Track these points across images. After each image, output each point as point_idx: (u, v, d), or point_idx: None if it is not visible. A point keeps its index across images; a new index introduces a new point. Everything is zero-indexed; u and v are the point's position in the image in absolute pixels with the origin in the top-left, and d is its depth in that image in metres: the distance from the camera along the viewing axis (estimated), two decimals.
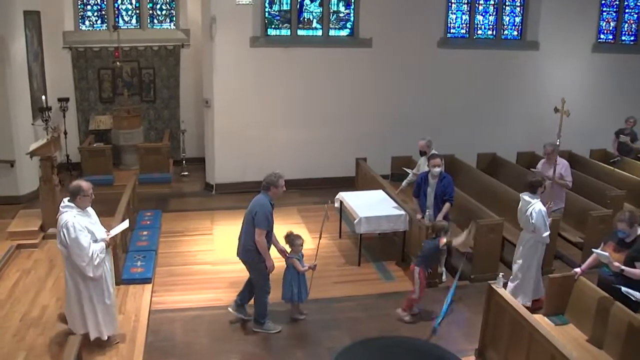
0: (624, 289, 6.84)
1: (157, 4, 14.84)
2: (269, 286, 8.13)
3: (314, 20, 13.77)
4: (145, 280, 9.20)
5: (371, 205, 10.34)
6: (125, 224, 7.85)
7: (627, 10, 16.39)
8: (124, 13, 14.76)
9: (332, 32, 13.93)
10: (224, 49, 12.86)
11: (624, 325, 6.87)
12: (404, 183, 11.27)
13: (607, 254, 7.17)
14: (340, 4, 13.82)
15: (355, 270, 10.03)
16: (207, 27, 12.83)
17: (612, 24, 16.35)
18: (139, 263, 9.62)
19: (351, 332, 8.07)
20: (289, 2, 13.49)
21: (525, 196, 8.71)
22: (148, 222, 11.49)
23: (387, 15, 13.72)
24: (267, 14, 13.40)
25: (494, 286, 7.37)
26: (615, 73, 15.99)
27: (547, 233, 8.56)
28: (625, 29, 16.54)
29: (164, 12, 14.92)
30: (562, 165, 10.66)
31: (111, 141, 14.34)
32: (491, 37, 15.33)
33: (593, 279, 7.70)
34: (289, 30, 13.62)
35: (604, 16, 16.21)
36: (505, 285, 7.39)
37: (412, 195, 10.09)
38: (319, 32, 13.85)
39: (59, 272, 9.15)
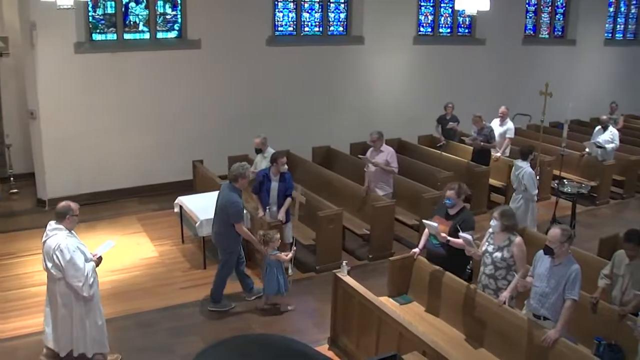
0: (461, 233, 7.32)
1: None
2: (232, 270, 8.85)
3: (141, 23, 13.42)
4: None
5: (211, 207, 10.19)
6: (111, 243, 7.59)
7: (442, 5, 17.39)
8: None
9: (159, 35, 13.63)
10: (47, 56, 12.21)
11: (461, 296, 7.38)
12: None
13: (435, 224, 7.63)
14: (167, 6, 13.55)
15: (202, 274, 9.93)
16: (27, 33, 12.16)
17: (430, 17, 17.27)
18: None
19: (205, 336, 8.05)
20: (113, 5, 13.02)
21: (517, 162, 10.74)
22: None
23: (215, 15, 13.67)
24: (91, 18, 12.88)
25: (339, 275, 7.60)
26: (435, 63, 16.97)
27: (536, 192, 10.74)
28: (442, 22, 17.53)
29: None
30: (388, 152, 11.17)
31: None
32: (318, 33, 15.69)
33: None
34: (115, 35, 13.16)
35: (423, 10, 17.11)
36: (349, 273, 7.64)
37: (252, 192, 10.14)
38: (147, 35, 13.52)
39: None
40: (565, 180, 12.38)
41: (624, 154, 14.60)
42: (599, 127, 14.24)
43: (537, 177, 11.06)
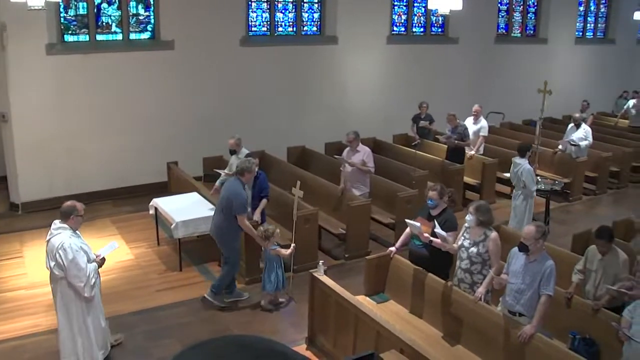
0: (435, 229, 7.38)
1: None
2: (238, 263, 9.01)
3: (113, 24, 13.30)
4: None
5: (187, 209, 10.23)
6: (114, 244, 7.67)
7: (415, 4, 17.46)
8: None
9: (132, 36, 13.53)
10: (18, 58, 12.03)
11: (438, 294, 7.41)
12: (217, 183, 11.19)
13: (418, 224, 7.64)
14: (140, 7, 13.45)
15: (178, 276, 9.89)
16: None
17: (403, 17, 17.34)
18: None
19: (182, 338, 7.99)
20: (85, 6, 12.88)
21: (516, 159, 10.83)
22: None
23: (188, 16, 13.60)
24: (62, 19, 12.73)
25: (315, 274, 7.62)
26: (409, 62, 17.05)
27: (535, 188, 10.95)
28: (415, 21, 17.62)
29: None
30: (364, 152, 11.21)
31: None
32: (292, 33, 15.68)
33: (407, 255, 8.18)
34: (88, 36, 13.03)
35: (396, 10, 17.17)
36: (325, 272, 7.66)
37: None
38: (119, 36, 13.40)
39: None
40: (539, 177, 12.50)
41: (595, 150, 14.77)
42: (572, 124, 14.38)
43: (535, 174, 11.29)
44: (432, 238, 7.54)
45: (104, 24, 13.23)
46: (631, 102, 18.77)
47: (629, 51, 23.26)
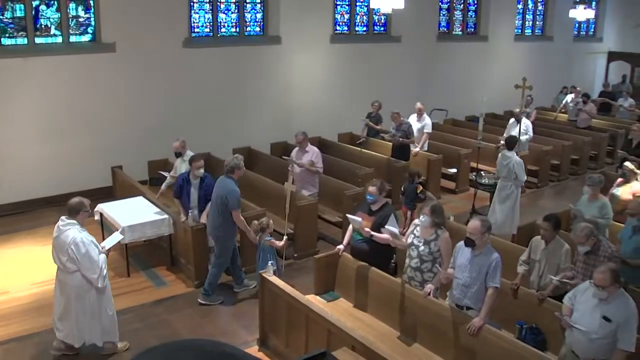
0: (386, 226, 7.45)
1: None
2: (228, 262, 9.10)
3: (52, 27, 13.00)
4: None
5: (133, 213, 10.11)
6: (118, 235, 8.00)
7: (358, 3, 17.57)
8: None
9: (73, 38, 13.25)
10: None
11: (387, 290, 7.50)
12: (163, 186, 11.12)
13: (359, 219, 7.71)
14: (80, 8, 13.18)
15: (126, 282, 9.74)
16: None
17: (346, 16, 17.43)
18: None
19: (133, 344, 7.87)
20: (22, 8, 12.53)
21: (505, 152, 11.30)
22: None
23: (130, 17, 13.37)
24: None
25: (265, 275, 7.61)
26: (353, 61, 17.16)
27: (525, 178, 11.44)
28: (358, 20, 17.73)
29: None
30: (313, 152, 11.25)
31: None
32: (235, 34, 15.61)
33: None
34: (26, 39, 12.71)
35: (339, 9, 17.25)
36: (275, 273, 7.67)
37: (174, 197, 10.05)
38: (59, 39, 13.10)
39: None
40: (482, 172, 12.69)
41: (536, 144, 15.11)
42: (513, 119, 14.66)
43: None
44: (373, 232, 7.62)
45: (42, 26, 12.91)
46: (569, 97, 19.28)
47: (566, 48, 23.91)
